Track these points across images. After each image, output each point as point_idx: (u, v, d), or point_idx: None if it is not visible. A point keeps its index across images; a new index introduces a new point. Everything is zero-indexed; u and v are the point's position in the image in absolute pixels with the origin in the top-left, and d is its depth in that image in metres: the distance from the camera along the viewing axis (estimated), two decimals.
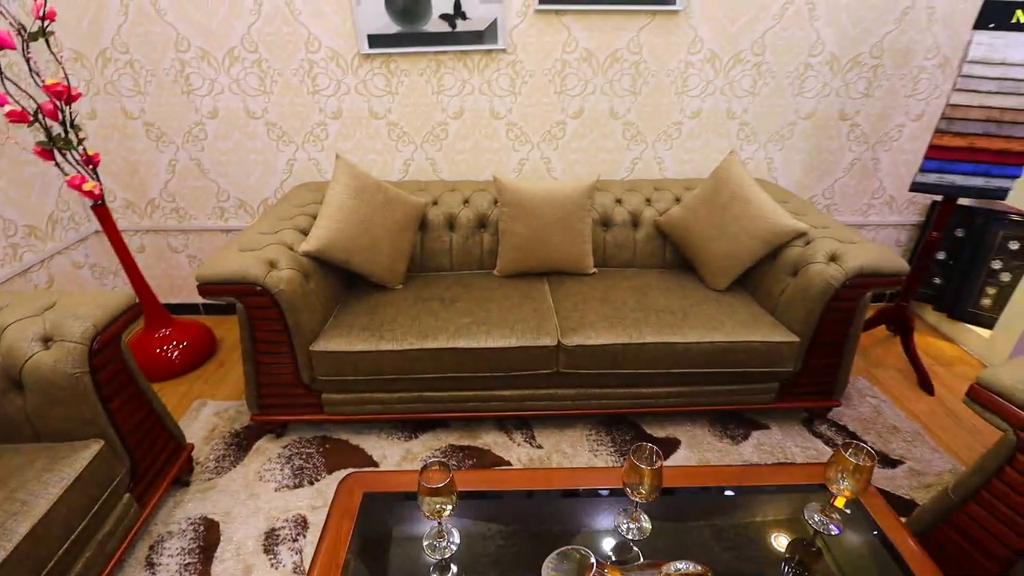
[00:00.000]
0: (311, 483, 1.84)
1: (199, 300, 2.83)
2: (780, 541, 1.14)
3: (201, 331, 2.52)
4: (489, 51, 2.27)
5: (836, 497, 1.13)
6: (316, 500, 1.77)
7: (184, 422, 2.11)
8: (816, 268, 1.78)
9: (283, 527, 1.68)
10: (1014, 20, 1.83)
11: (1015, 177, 2.00)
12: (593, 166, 2.56)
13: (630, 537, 1.13)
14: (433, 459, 1.62)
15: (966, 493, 1.26)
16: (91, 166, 2.02)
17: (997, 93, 1.91)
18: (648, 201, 2.33)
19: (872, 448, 1.97)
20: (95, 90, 2.29)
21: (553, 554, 0.83)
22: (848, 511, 1.18)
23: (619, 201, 2.32)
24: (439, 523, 1.11)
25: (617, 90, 2.39)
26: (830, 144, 2.54)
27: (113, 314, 1.44)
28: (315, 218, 2.04)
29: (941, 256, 2.67)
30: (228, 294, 1.68)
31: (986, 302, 2.53)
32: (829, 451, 1.96)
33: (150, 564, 1.56)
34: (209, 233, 2.64)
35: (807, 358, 1.86)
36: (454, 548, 1.11)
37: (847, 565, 1.10)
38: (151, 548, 1.61)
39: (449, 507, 1.02)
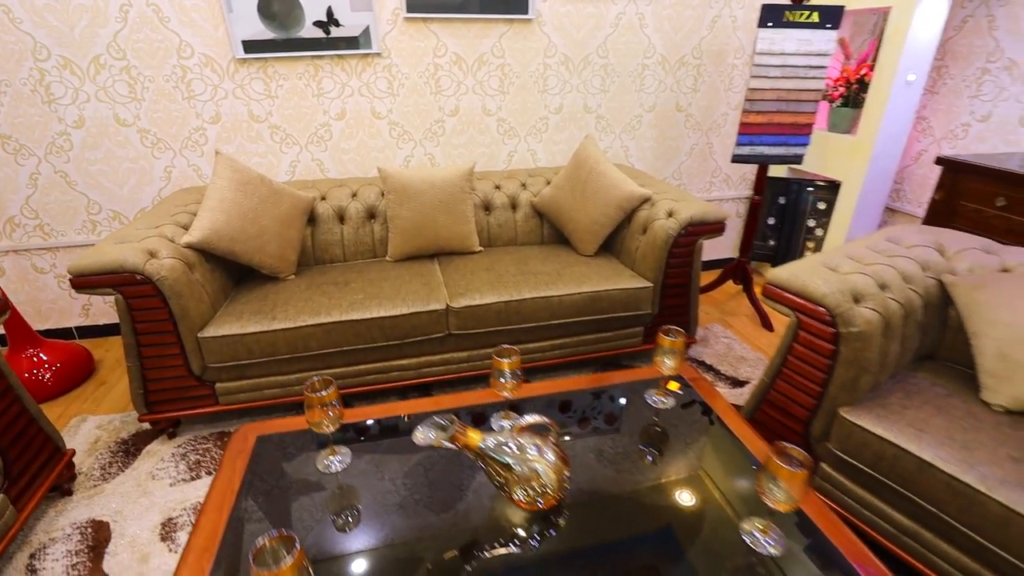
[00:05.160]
0: (210, 474, 1.82)
1: (72, 324, 2.67)
2: (630, 424, 1.37)
3: (76, 351, 2.39)
4: (365, 55, 2.44)
5: (667, 381, 1.38)
6: None
7: (64, 437, 1.99)
8: (659, 223, 2.10)
9: (181, 515, 1.66)
10: (785, 19, 2.32)
11: (806, 144, 2.50)
12: (474, 159, 2.78)
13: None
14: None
15: (773, 373, 1.57)
16: None
17: (782, 78, 2.39)
18: (524, 186, 2.59)
19: (724, 373, 2.31)
20: None
21: (423, 422, 0.97)
22: (680, 392, 1.44)
23: (498, 187, 2.56)
24: (330, 439, 1.21)
25: (488, 90, 2.65)
26: (672, 132, 2.98)
27: None
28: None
29: (771, 221, 3.18)
30: (105, 285, 1.66)
31: (808, 255, 3.06)
32: None
33: (32, 571, 1.48)
34: (80, 249, 2.52)
35: (662, 300, 2.17)
36: (347, 463, 1.21)
37: (682, 433, 1.34)
38: (32, 556, 1.52)
39: (337, 419, 1.13)
